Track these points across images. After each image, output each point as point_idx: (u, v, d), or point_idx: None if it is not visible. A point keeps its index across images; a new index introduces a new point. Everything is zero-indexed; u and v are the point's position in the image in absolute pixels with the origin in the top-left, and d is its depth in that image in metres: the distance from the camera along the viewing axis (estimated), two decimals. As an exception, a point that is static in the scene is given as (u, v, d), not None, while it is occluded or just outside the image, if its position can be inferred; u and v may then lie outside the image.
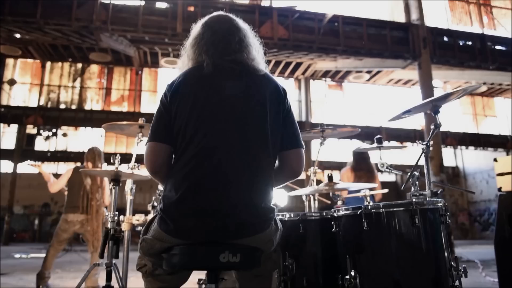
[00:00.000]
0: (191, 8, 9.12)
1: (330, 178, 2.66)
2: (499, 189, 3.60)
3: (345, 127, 2.66)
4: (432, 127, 2.27)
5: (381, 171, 2.49)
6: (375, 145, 2.41)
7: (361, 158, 4.52)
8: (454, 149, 17.76)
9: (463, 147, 15.72)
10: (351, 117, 13.72)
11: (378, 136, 2.41)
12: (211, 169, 1.38)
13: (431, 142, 2.29)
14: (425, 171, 2.26)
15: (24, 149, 14.23)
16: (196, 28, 1.63)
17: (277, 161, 1.58)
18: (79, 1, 8.64)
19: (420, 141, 2.32)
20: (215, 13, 1.66)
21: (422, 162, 2.10)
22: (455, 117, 15.94)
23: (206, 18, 1.64)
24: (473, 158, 18.52)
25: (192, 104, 1.44)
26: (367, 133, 13.23)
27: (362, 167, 4.48)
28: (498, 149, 15.96)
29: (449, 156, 18.72)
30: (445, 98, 2.17)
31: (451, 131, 14.71)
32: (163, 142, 1.46)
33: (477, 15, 12.60)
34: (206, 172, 1.38)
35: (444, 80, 13.45)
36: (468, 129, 15.87)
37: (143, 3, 8.89)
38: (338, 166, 16.13)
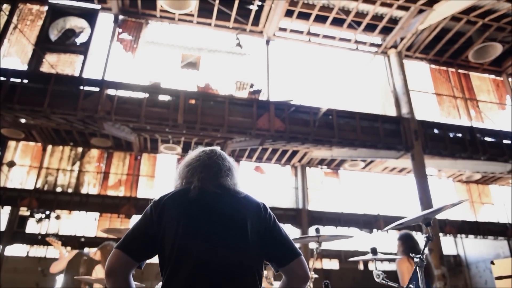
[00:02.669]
0: (192, 101, 9.58)
1: (326, 286, 2.62)
2: (500, 294, 3.51)
3: (341, 236, 2.69)
4: (424, 239, 2.30)
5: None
6: (370, 256, 2.42)
7: (413, 243, 4.16)
8: (454, 237, 17.44)
9: (463, 235, 15.46)
10: (348, 205, 13.67)
11: (372, 247, 2.43)
12: None
13: (425, 254, 2.31)
14: (420, 284, 2.25)
15: (15, 231, 13.87)
16: (187, 158, 1.83)
17: (283, 277, 1.69)
18: (86, 92, 9.11)
19: (413, 254, 2.33)
20: (207, 148, 1.87)
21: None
22: (452, 205, 15.89)
23: (199, 150, 1.85)
24: (475, 246, 18.07)
25: (178, 225, 1.54)
26: (365, 221, 13.10)
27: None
28: (498, 238, 15.67)
29: (450, 244, 18.29)
30: (436, 212, 2.24)
31: (450, 219, 14.57)
32: (126, 254, 1.55)
33: (464, 108, 13.17)
34: None
35: (438, 168, 13.67)
36: (466, 217, 15.72)
37: (147, 95, 9.38)
38: (336, 254, 15.66)
